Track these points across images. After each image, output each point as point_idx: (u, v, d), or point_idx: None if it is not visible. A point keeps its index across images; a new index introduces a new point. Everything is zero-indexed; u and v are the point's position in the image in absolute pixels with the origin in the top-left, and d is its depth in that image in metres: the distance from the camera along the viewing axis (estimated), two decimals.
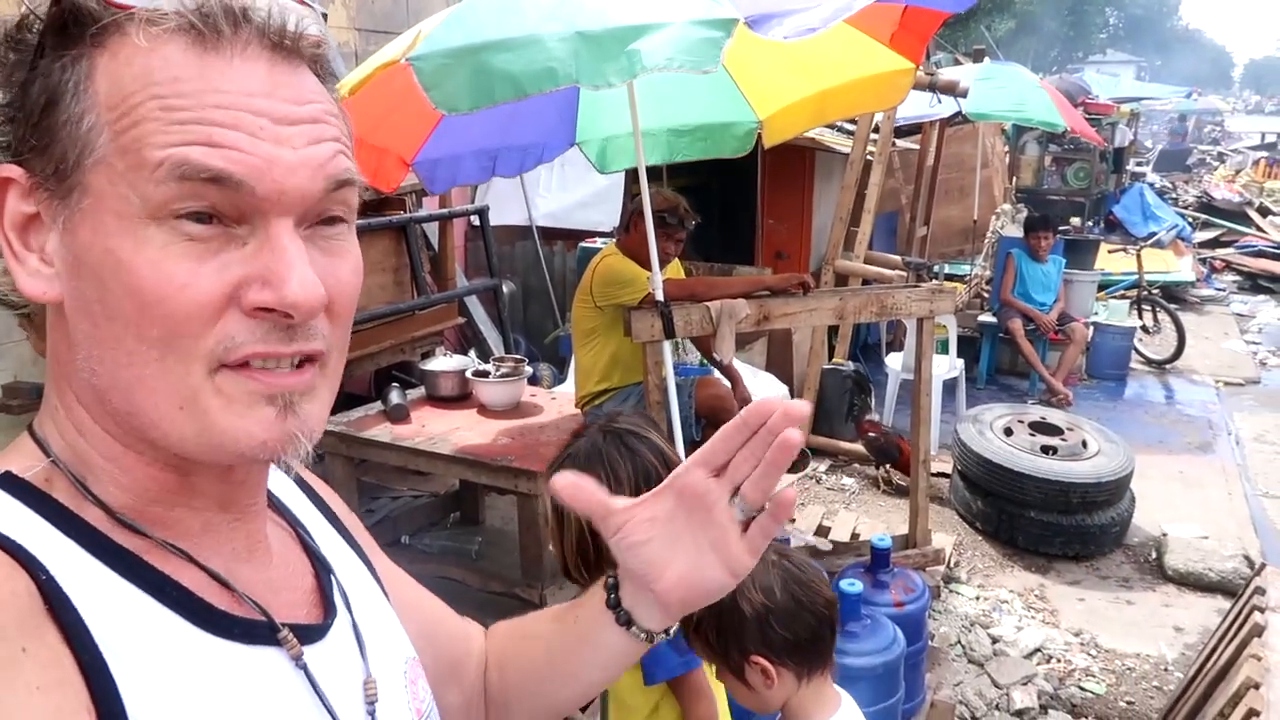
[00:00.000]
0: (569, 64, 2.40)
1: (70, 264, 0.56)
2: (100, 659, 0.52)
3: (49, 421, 0.61)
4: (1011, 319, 6.72)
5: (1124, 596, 4.11)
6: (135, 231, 0.54)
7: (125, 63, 0.55)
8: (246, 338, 0.56)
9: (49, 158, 0.56)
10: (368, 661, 0.70)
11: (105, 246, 0.54)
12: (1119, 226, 12.32)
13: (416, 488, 4.77)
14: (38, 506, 0.56)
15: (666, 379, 3.32)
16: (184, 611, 0.58)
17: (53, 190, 0.56)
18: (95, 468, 0.59)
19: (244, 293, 0.55)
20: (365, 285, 3.31)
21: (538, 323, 6.41)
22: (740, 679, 1.52)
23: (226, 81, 0.55)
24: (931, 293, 3.72)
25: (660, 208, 3.50)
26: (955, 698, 3.27)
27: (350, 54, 4.98)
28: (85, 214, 0.55)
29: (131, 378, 0.56)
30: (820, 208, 6.75)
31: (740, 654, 1.50)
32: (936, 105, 5.05)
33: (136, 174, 0.53)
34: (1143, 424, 6.32)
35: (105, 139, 0.54)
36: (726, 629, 1.49)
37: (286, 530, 0.73)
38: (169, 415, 0.56)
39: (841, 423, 5.51)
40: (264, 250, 0.56)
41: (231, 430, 0.56)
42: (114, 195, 0.54)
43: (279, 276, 0.55)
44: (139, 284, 0.53)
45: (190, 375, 0.55)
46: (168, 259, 0.54)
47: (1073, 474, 4.33)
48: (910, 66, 3.41)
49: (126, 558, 0.57)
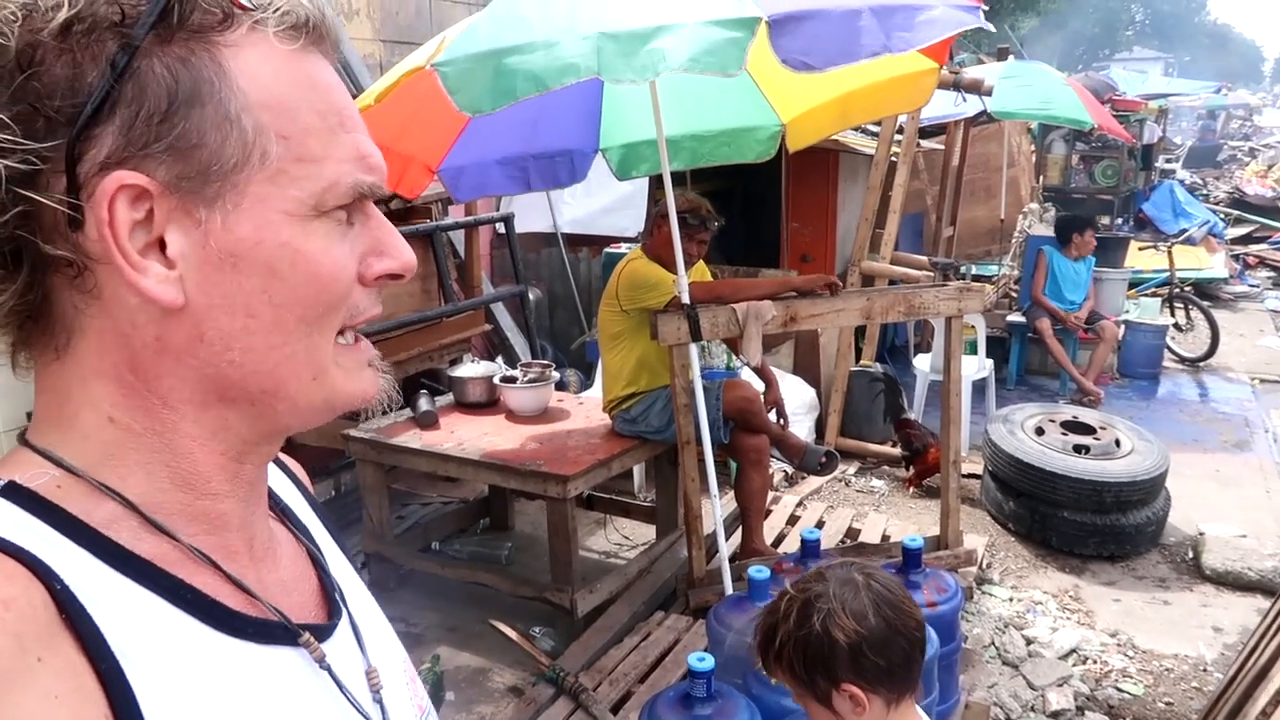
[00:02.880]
0: (591, 59, 2.41)
1: (216, 262, 0.56)
2: (117, 667, 0.52)
3: (53, 433, 0.59)
4: (1040, 318, 6.65)
5: (1161, 597, 4.05)
6: (304, 225, 0.58)
7: (260, 61, 0.57)
8: (366, 304, 0.64)
9: (190, 160, 0.54)
10: (366, 653, 0.71)
11: (279, 240, 0.58)
12: (1149, 224, 12.17)
13: (446, 494, 4.80)
14: (46, 516, 0.56)
15: (693, 382, 3.32)
16: (200, 615, 0.58)
17: (192, 193, 0.55)
18: (130, 467, 0.59)
19: (365, 265, 0.62)
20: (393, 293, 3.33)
21: (564, 329, 6.44)
22: (827, 706, 1.46)
23: (332, 78, 0.61)
24: (959, 292, 3.70)
25: (683, 209, 3.50)
26: (990, 699, 3.24)
27: (375, 65, 5.04)
28: (244, 212, 0.56)
29: (281, 357, 0.60)
30: (845, 210, 6.72)
31: (829, 682, 1.44)
32: (961, 105, 5.02)
33: (311, 182, 0.58)
34: (1177, 422, 6.24)
35: (280, 148, 0.57)
36: (815, 658, 1.44)
37: (287, 530, 0.75)
38: (306, 386, 0.62)
39: (870, 425, 5.48)
40: (368, 227, 0.63)
41: (349, 392, 0.64)
42: (281, 196, 0.57)
43: (393, 246, 0.63)
44: (316, 269, 0.59)
45: (325, 348, 0.62)
46: (332, 245, 0.60)
47: (1106, 473, 4.28)
48: (934, 67, 3.39)
49: (140, 564, 0.57)
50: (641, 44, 2.43)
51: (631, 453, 3.74)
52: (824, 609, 1.46)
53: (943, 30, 2.66)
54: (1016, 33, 20.57)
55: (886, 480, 5.19)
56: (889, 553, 3.86)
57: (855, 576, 1.52)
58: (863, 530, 4.42)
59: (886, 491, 5.07)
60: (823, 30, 2.48)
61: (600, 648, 3.36)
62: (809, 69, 2.46)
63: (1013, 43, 12.67)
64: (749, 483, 3.86)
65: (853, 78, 3.46)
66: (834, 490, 5.07)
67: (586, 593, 3.53)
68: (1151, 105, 12.86)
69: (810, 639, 1.44)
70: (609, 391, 3.81)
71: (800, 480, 5.08)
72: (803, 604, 1.47)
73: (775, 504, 4.64)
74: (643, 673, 3.18)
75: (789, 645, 1.46)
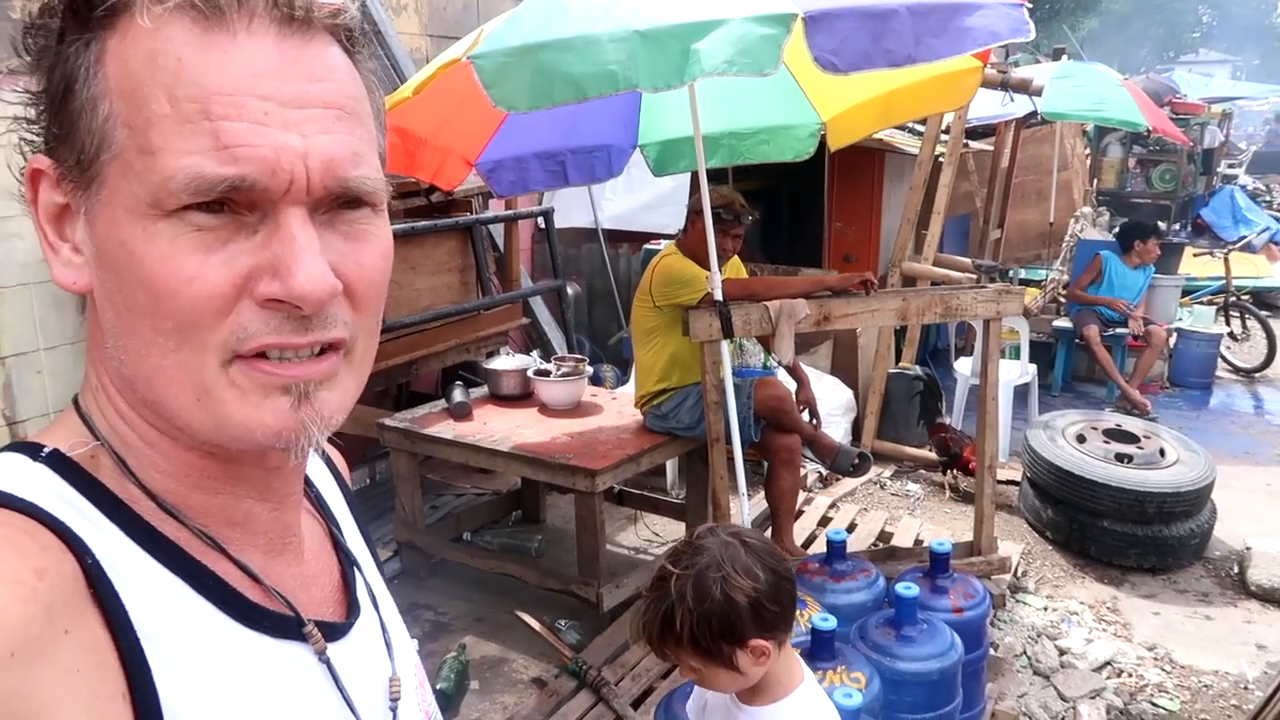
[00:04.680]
0: (628, 66, 2.40)
1: (93, 254, 0.56)
2: (138, 645, 0.53)
3: (92, 400, 0.61)
4: (1087, 325, 6.51)
5: (1202, 611, 3.95)
6: (145, 225, 0.53)
7: (132, 44, 0.53)
8: (260, 328, 0.55)
9: (71, 146, 0.55)
10: (394, 661, 0.71)
11: (119, 239, 0.54)
12: (1207, 230, 11.84)
13: (479, 485, 4.84)
14: (84, 489, 0.57)
15: (725, 379, 3.31)
16: (219, 602, 0.59)
17: (76, 180, 0.56)
18: (136, 451, 0.60)
19: (255, 283, 0.54)
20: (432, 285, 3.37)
21: (602, 325, 6.45)
22: (730, 667, 1.49)
23: (230, 62, 0.53)
24: (998, 294, 3.63)
25: (716, 204, 3.49)
26: (1019, 709, 3.19)
27: (422, 59, 5.09)
28: (103, 205, 0.55)
29: (152, 368, 0.56)
30: (889, 210, 6.64)
31: (735, 643, 1.48)
32: (1009, 104, 4.93)
33: (149, 176, 0.52)
34: (1228, 434, 6.07)
35: (123, 135, 0.53)
36: (721, 625, 1.47)
37: (320, 525, 0.74)
38: (188, 406, 0.56)
39: (908, 428, 5.41)
40: (273, 239, 0.54)
41: (246, 421, 0.56)
42: (126, 191, 0.53)
43: (287, 267, 0.54)
44: (150, 277, 0.53)
45: (205, 367, 0.55)
46: (177, 252, 0.53)
47: (1149, 483, 4.18)
48: (978, 65, 3.34)
49: (167, 545, 0.58)
50: (677, 45, 2.41)
51: (662, 449, 3.74)
52: (717, 576, 1.48)
53: (975, 42, 2.60)
54: (1076, 34, 20.14)
55: (922, 484, 5.12)
56: (920, 557, 3.81)
57: (727, 538, 1.55)
58: (895, 534, 4.37)
59: (922, 496, 5.00)
60: (854, 31, 2.45)
61: (624, 643, 3.37)
62: (836, 70, 2.43)
63: (1071, 43, 12.41)
64: (779, 482, 3.84)
65: (894, 75, 3.40)
66: (868, 493, 5.02)
67: (613, 587, 3.53)
68: (1214, 109, 12.51)
69: (713, 609, 1.46)
70: (641, 387, 3.81)
71: (834, 482, 5.03)
72: (696, 578, 1.49)
73: (808, 505, 4.61)
74: (665, 669, 3.18)
75: (690, 622, 1.47)
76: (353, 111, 0.58)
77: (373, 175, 0.58)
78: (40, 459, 0.57)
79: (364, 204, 0.59)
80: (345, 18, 0.58)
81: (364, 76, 0.60)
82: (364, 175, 0.57)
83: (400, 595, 3.90)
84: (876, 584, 2.97)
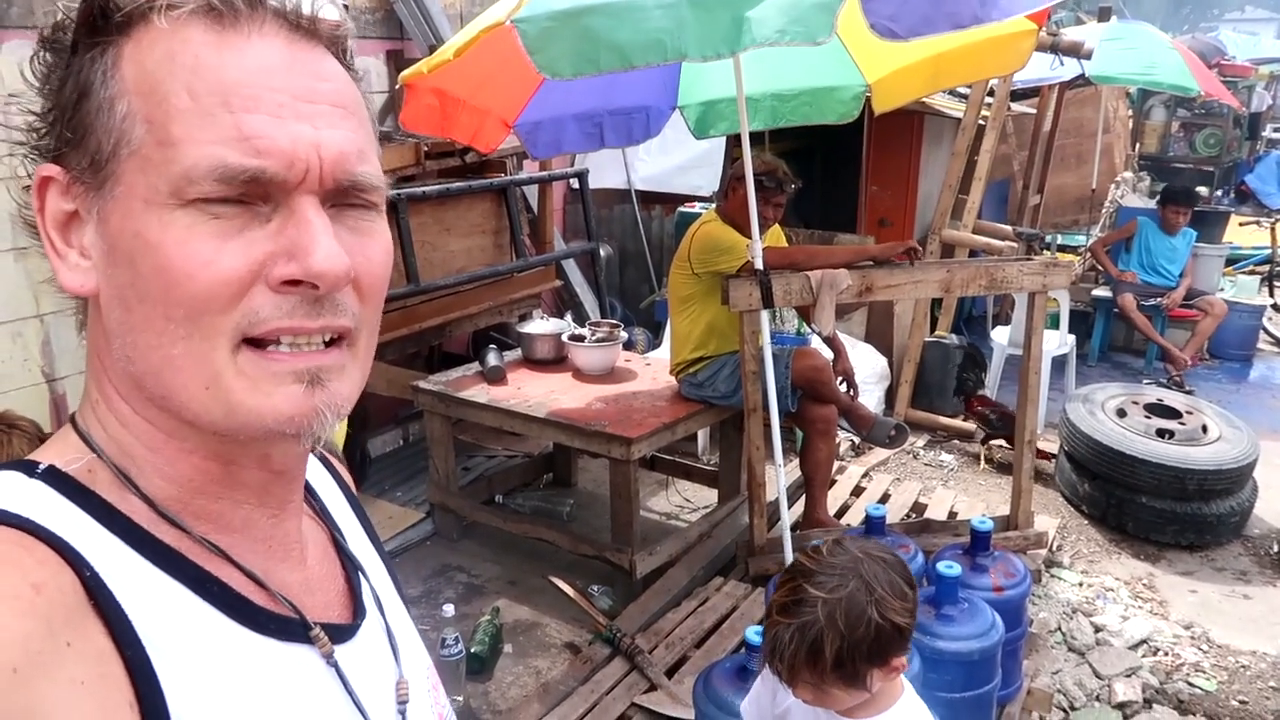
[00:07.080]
0: (677, 35, 2.33)
1: (104, 253, 0.57)
2: (143, 653, 0.53)
3: (90, 414, 0.62)
4: (1123, 294, 6.38)
5: (1241, 590, 3.90)
6: (162, 215, 0.54)
7: (149, 47, 0.56)
8: (272, 312, 0.56)
9: (84, 150, 0.56)
10: (401, 663, 0.72)
11: (134, 230, 0.55)
12: (1251, 197, 11.58)
13: (511, 448, 4.85)
14: (80, 501, 0.57)
15: (763, 349, 3.26)
16: (223, 606, 0.59)
17: (88, 183, 0.57)
18: (138, 459, 0.60)
19: (270, 269, 0.56)
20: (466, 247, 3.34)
21: (634, 287, 6.40)
22: (863, 687, 1.41)
23: (245, 59, 0.56)
24: (1045, 266, 3.55)
25: (759, 171, 3.41)
26: (1053, 686, 3.17)
27: (456, 15, 5.00)
28: (117, 201, 0.56)
29: (161, 359, 0.56)
30: (927, 174, 6.51)
31: (879, 664, 1.40)
32: (1058, 68, 4.79)
33: (169, 167, 0.54)
34: (1269, 409, 5.96)
35: (142, 131, 0.55)
36: (871, 651, 1.39)
37: (322, 530, 0.75)
38: (197, 395, 0.57)
39: (942, 397, 5.35)
40: (289, 225, 0.56)
41: (257, 407, 0.57)
42: (144, 184, 0.55)
43: (304, 248, 0.55)
44: (166, 263, 0.54)
45: (215, 352, 0.56)
46: (194, 238, 0.54)
47: (1190, 459, 4.11)
48: (1033, 28, 3.23)
49: (168, 552, 0.58)
50: (728, 13, 2.34)
51: (697, 417, 3.71)
52: (869, 600, 1.39)
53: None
54: None
55: (956, 455, 5.08)
56: (956, 531, 3.78)
57: (860, 554, 1.45)
58: (929, 506, 4.34)
59: (956, 467, 4.96)
60: None
61: (658, 610, 3.37)
62: (895, 37, 2.35)
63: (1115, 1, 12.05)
64: (815, 452, 3.81)
65: (946, 38, 3.29)
66: (901, 463, 4.98)
67: (646, 554, 3.53)
68: (1262, 70, 12.15)
69: (868, 634, 1.37)
70: (677, 355, 3.78)
71: (867, 451, 4.99)
72: (848, 602, 1.39)
73: (840, 474, 4.58)
74: (699, 638, 3.18)
75: (840, 647, 1.36)
76: (355, 112, 0.61)
77: (376, 174, 0.61)
78: (36, 475, 0.57)
79: (367, 205, 0.61)
80: (343, 31, 0.62)
81: (360, 92, 0.63)
82: (370, 171, 0.60)
83: (433, 557, 3.94)
84: (915, 560, 2.93)
